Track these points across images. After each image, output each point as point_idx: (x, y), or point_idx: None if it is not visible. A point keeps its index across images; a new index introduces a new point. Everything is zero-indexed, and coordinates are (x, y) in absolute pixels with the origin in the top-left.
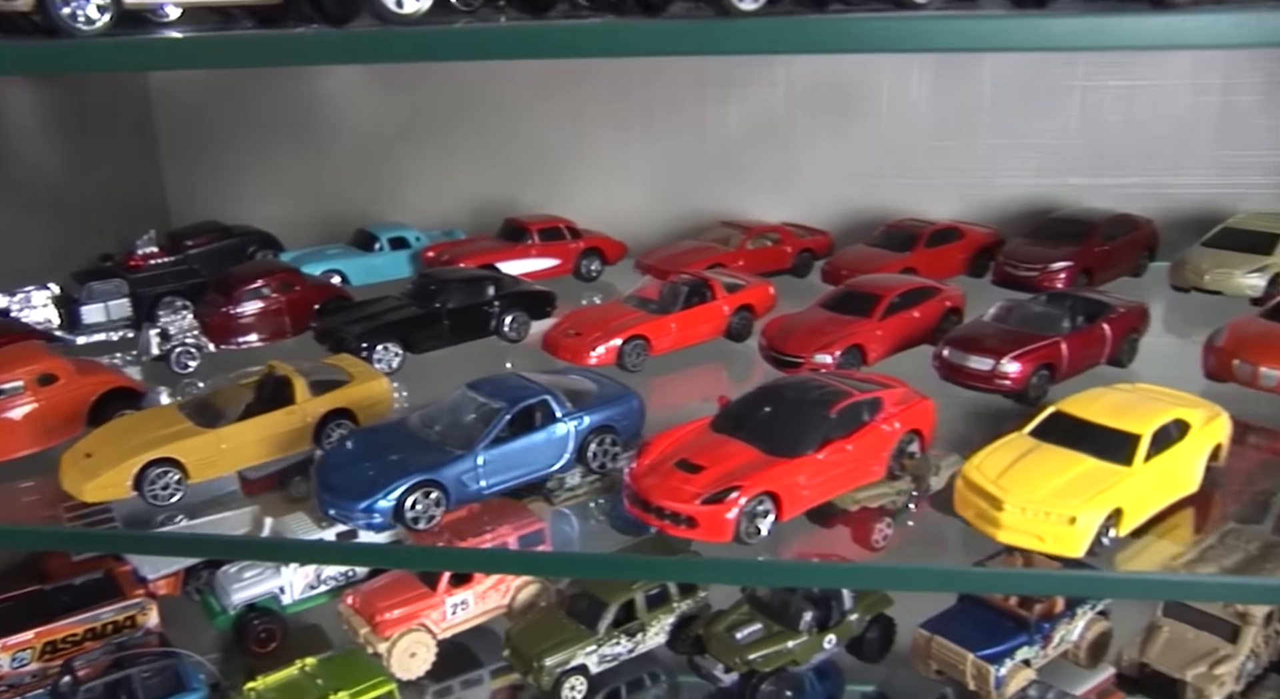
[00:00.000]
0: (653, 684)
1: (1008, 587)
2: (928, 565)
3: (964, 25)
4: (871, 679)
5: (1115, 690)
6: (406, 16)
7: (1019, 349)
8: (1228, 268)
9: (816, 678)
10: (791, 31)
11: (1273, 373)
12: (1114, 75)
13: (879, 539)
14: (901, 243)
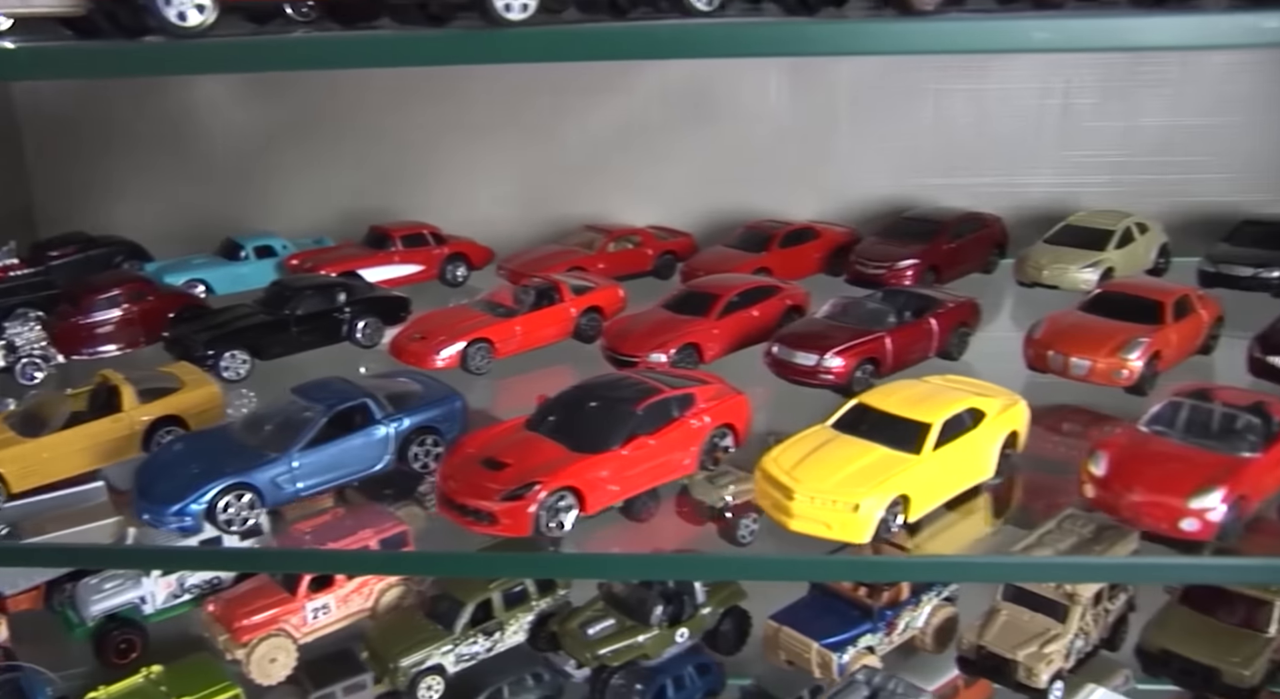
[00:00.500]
0: (536, 684)
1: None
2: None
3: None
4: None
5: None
6: (189, 29)
7: (842, 344)
8: (1064, 263)
9: (696, 673)
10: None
11: (1082, 363)
12: (964, 79)
13: (745, 534)
14: (757, 243)
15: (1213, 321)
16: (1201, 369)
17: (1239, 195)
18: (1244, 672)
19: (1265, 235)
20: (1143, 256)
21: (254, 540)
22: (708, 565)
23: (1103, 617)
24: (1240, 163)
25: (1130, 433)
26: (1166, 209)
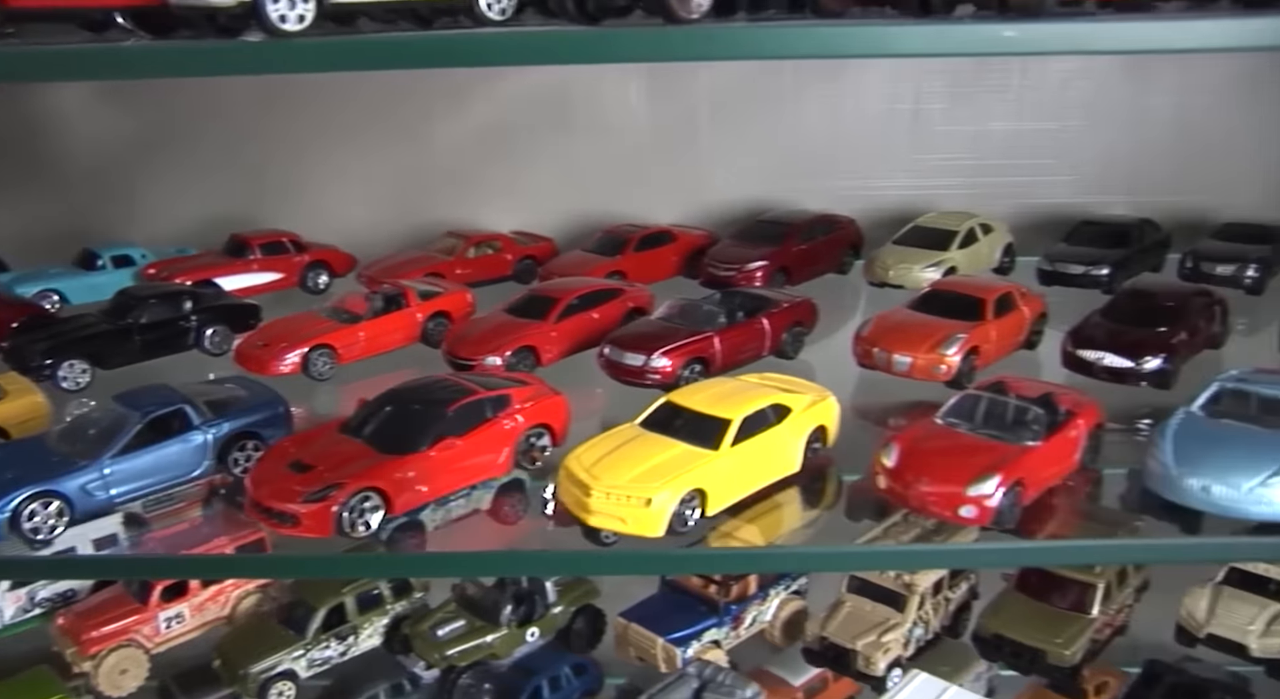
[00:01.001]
0: (396, 695)
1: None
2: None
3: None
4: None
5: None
6: None
7: (669, 345)
8: (909, 263)
9: (573, 673)
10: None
11: (904, 359)
12: (819, 85)
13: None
14: (613, 247)
15: (1035, 317)
16: (1027, 363)
17: (1082, 197)
18: (1066, 651)
19: (1099, 234)
20: (987, 256)
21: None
22: (552, 562)
23: (944, 605)
24: (1082, 165)
25: (925, 425)
26: (1015, 210)
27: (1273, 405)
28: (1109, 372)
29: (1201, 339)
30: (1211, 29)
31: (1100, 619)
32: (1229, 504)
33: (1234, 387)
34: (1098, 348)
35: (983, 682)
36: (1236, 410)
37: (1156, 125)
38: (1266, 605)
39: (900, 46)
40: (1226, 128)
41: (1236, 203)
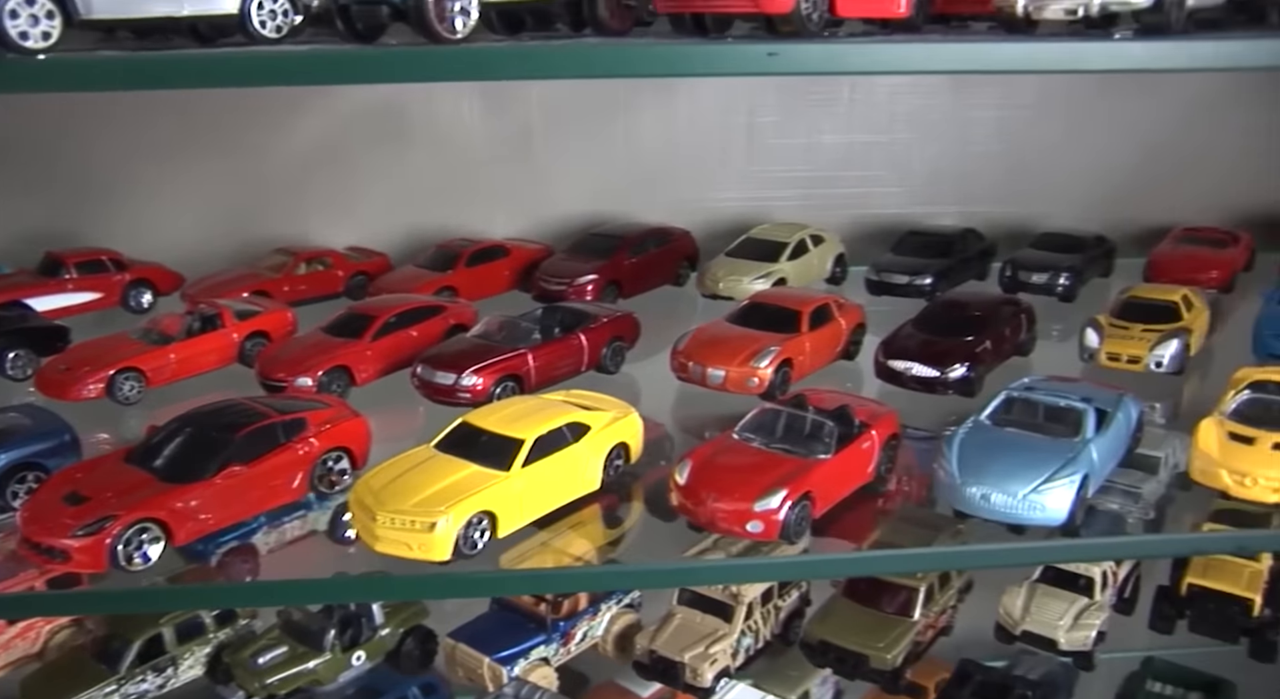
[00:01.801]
0: None
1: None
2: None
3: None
4: None
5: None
6: None
7: (481, 363)
8: (738, 275)
9: (420, 693)
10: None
11: (717, 372)
12: (654, 98)
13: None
14: (444, 263)
15: (853, 328)
16: (846, 374)
17: (912, 207)
18: (887, 655)
19: (925, 244)
20: (818, 267)
21: None
22: (377, 587)
23: (774, 614)
24: (911, 177)
25: (721, 441)
26: (848, 221)
27: (1056, 413)
28: (917, 381)
29: (1009, 347)
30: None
31: (922, 622)
32: (1006, 511)
33: (1021, 396)
34: (907, 358)
35: (829, 685)
36: (1022, 419)
37: (981, 138)
38: (1075, 600)
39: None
40: (1048, 140)
41: (1059, 213)
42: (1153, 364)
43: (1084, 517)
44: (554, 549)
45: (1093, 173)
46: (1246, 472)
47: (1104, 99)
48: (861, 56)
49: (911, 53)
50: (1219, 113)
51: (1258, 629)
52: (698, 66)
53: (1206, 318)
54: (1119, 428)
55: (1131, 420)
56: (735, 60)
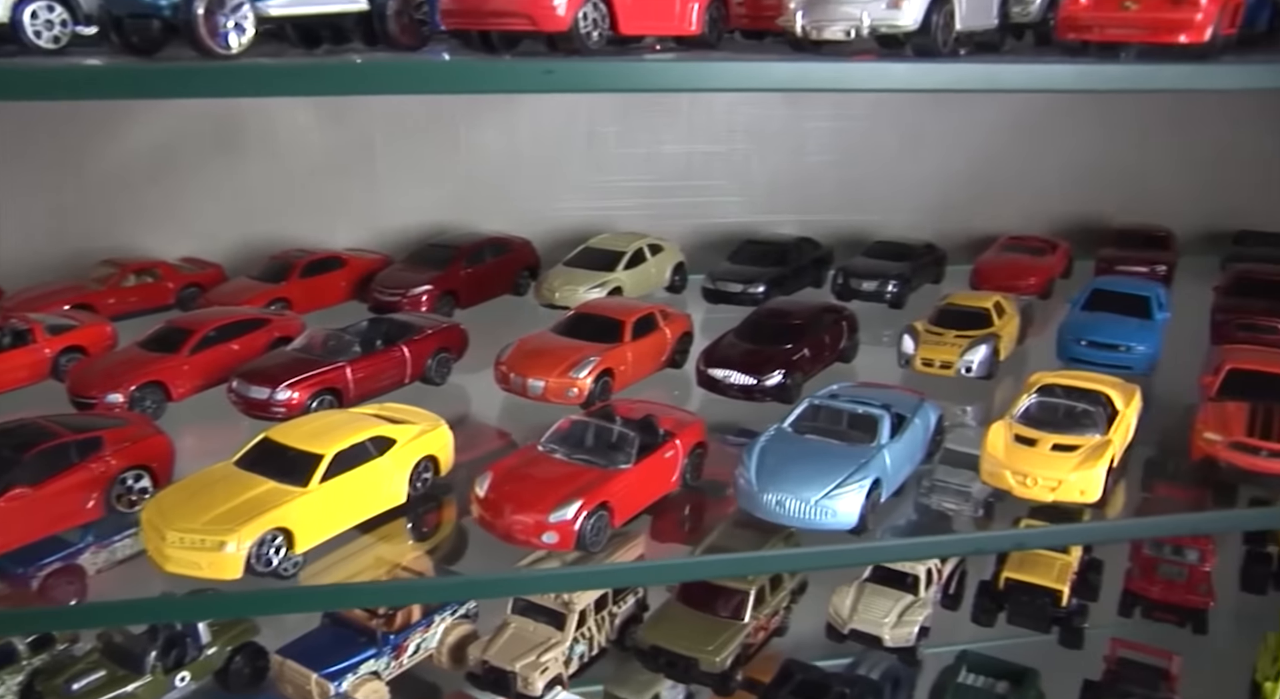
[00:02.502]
0: None
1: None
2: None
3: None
4: None
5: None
6: None
7: (297, 377)
8: (574, 285)
9: None
10: None
11: (537, 383)
12: (494, 108)
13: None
14: (277, 274)
15: (679, 337)
16: (673, 382)
17: (752, 216)
18: (716, 658)
19: (761, 253)
20: (655, 276)
21: None
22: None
23: (609, 621)
24: (751, 186)
25: (524, 453)
26: (691, 230)
27: (854, 420)
28: (736, 389)
29: (830, 354)
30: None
31: (753, 624)
32: (799, 516)
33: (822, 403)
34: (725, 366)
35: (680, 689)
36: (822, 425)
37: (818, 148)
38: (900, 598)
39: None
40: (883, 151)
41: (895, 221)
42: (963, 369)
43: (879, 517)
44: (385, 561)
45: (927, 183)
46: (1027, 472)
47: (937, 112)
48: (639, 73)
49: (694, 70)
50: (1046, 127)
51: (1066, 618)
52: (475, 83)
53: (1017, 324)
54: (915, 432)
55: (929, 424)
56: (512, 78)
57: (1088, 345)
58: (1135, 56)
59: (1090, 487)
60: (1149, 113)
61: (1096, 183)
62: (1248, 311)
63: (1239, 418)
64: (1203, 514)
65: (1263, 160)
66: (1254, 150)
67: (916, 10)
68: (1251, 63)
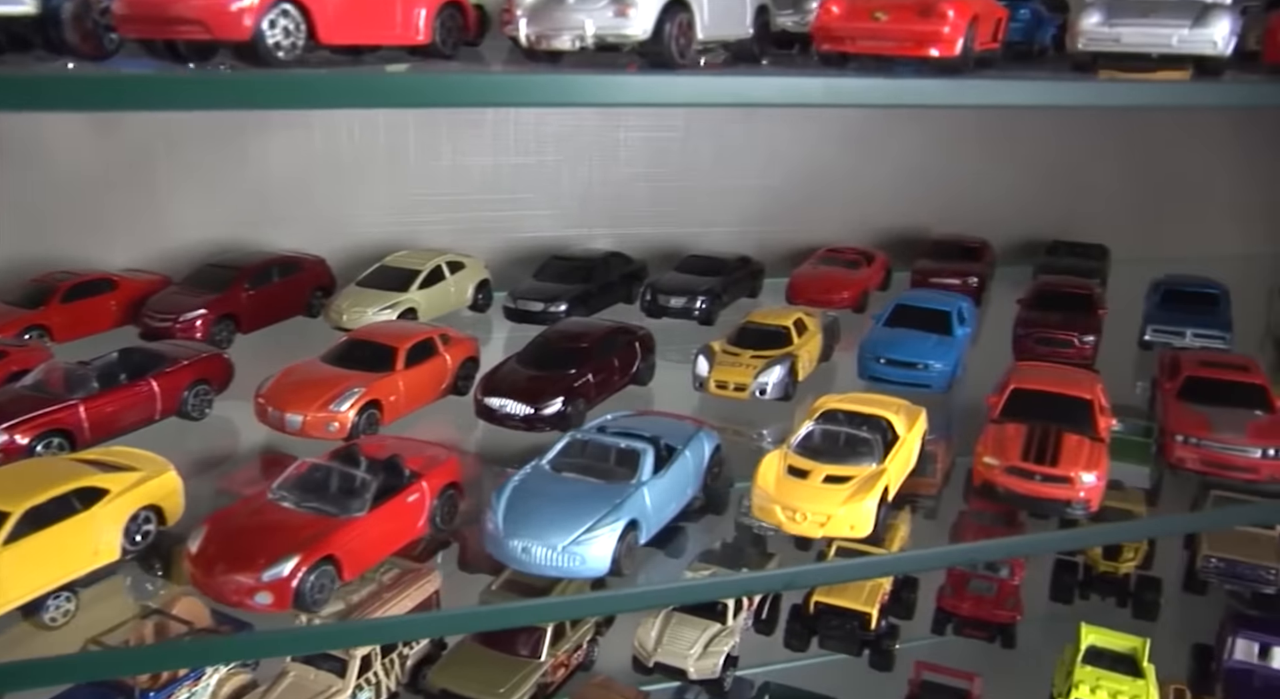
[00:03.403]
0: None
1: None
2: None
3: None
4: None
5: None
6: None
7: (19, 418)
8: (363, 306)
9: None
10: None
11: (295, 417)
12: (286, 122)
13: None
14: (35, 299)
15: (462, 362)
16: (460, 410)
17: (564, 230)
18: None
19: (569, 269)
20: (456, 296)
21: None
22: None
23: (398, 664)
24: (562, 198)
25: (251, 501)
26: (503, 244)
27: (615, 455)
28: (515, 419)
29: (619, 377)
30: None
31: (550, 662)
32: (546, 564)
33: (583, 437)
34: (502, 394)
35: None
36: (582, 462)
37: (631, 160)
38: (708, 627)
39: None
40: (698, 162)
41: (715, 234)
42: (756, 391)
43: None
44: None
45: (746, 194)
46: (796, 507)
47: (754, 121)
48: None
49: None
50: (870, 137)
51: (876, 641)
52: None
53: (819, 341)
54: (684, 465)
55: (704, 455)
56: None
57: (886, 363)
58: (911, 71)
59: (859, 521)
60: (972, 123)
61: (920, 193)
62: (1046, 325)
63: (1016, 440)
64: (1026, 537)
65: (1084, 169)
66: (1075, 159)
67: (646, 19)
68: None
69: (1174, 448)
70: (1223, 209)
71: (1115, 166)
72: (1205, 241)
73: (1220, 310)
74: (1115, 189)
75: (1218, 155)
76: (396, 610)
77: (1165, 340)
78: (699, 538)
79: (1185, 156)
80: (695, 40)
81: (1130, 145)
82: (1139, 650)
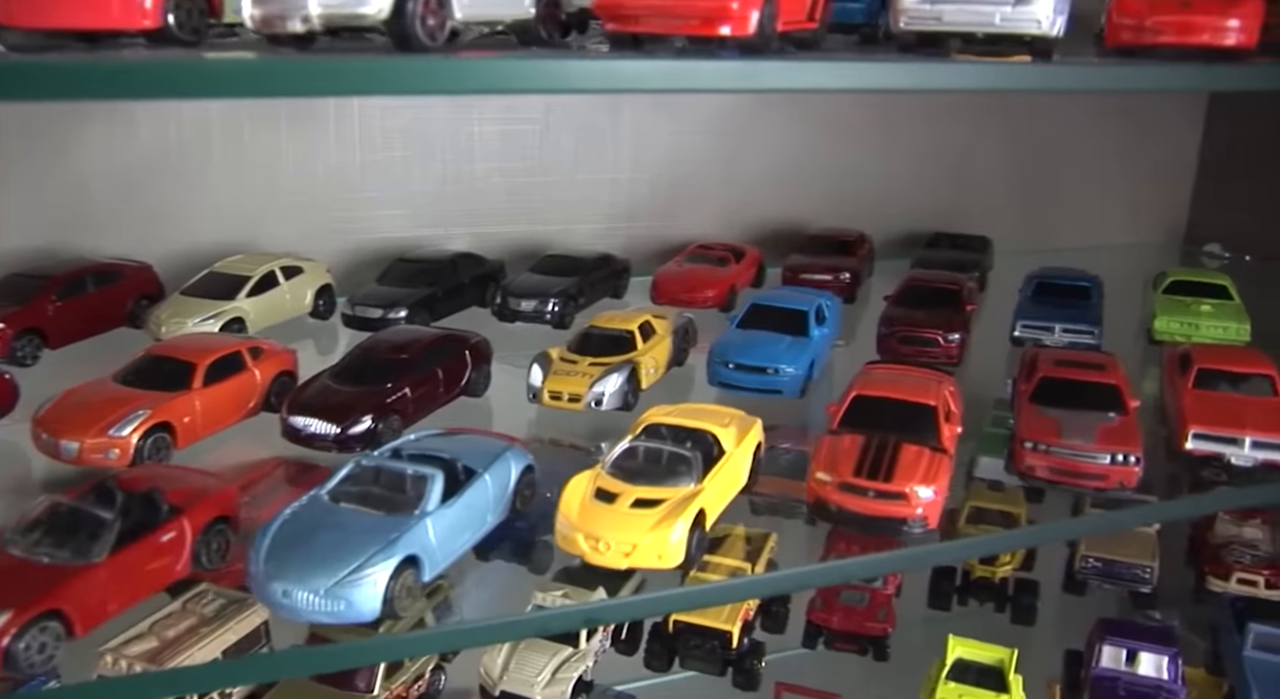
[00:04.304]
0: None
1: None
2: None
3: None
4: None
5: None
6: None
7: None
8: (183, 317)
9: None
10: None
11: (71, 445)
12: (104, 112)
13: None
14: None
15: (274, 378)
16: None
17: (416, 230)
18: None
19: (414, 272)
20: (293, 303)
21: None
22: None
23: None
24: (414, 197)
25: None
26: (354, 246)
27: (398, 481)
28: (325, 440)
29: (447, 390)
30: None
31: (385, 694)
32: (310, 610)
33: (370, 462)
34: (307, 413)
35: None
36: (364, 490)
37: (487, 155)
38: (559, 651)
39: None
40: (559, 156)
41: (579, 231)
42: (592, 402)
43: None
44: None
45: (612, 188)
46: (599, 535)
47: (619, 112)
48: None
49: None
50: (744, 127)
51: (738, 660)
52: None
53: (668, 345)
54: (483, 490)
55: (510, 476)
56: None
57: (735, 368)
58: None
59: (666, 551)
60: (853, 112)
61: (801, 185)
62: (910, 323)
63: (851, 454)
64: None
65: (970, 159)
66: (960, 149)
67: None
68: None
69: (1023, 455)
70: (1110, 198)
71: (1002, 156)
72: (1093, 232)
73: (1092, 304)
74: (1002, 179)
75: (1104, 144)
76: (218, 645)
77: (1035, 336)
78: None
79: (1072, 145)
80: (450, 20)
81: (1016, 134)
82: (1006, 662)
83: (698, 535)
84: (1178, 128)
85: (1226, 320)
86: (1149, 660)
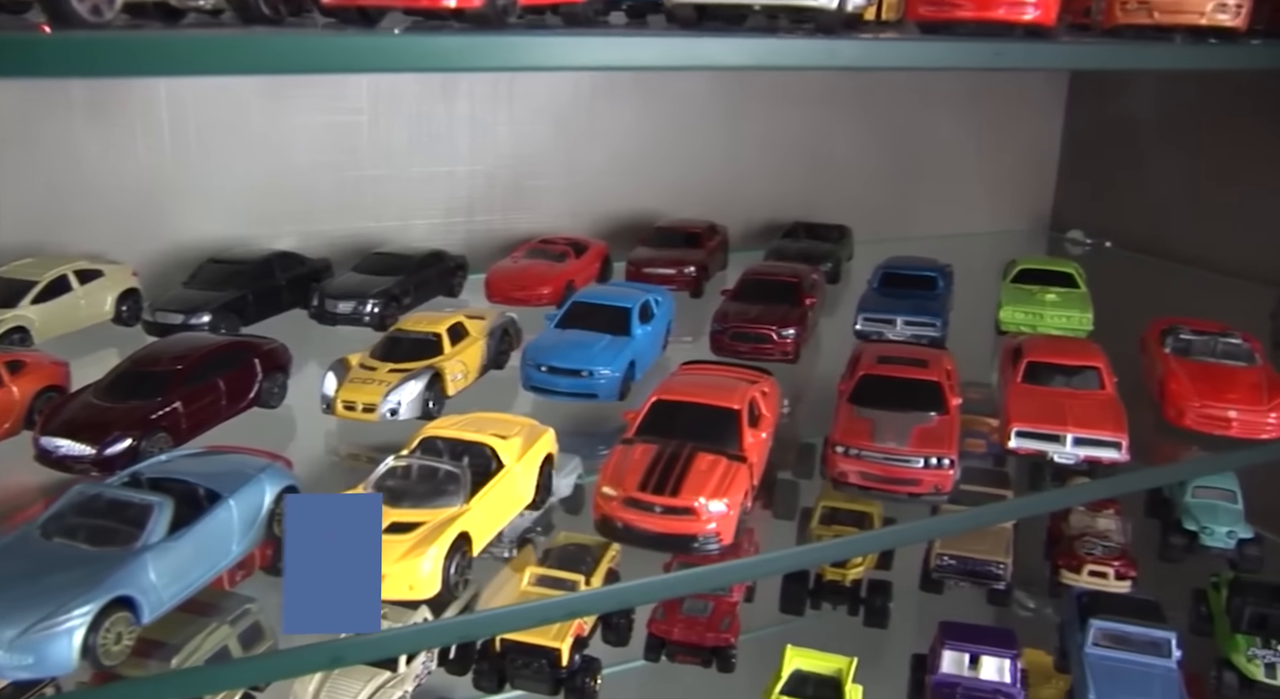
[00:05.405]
0: None
1: None
2: None
3: None
4: None
5: None
6: None
7: None
8: None
9: None
10: None
11: None
12: None
13: None
14: None
15: (36, 394)
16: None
17: (237, 229)
18: None
19: (228, 274)
20: (89, 309)
21: None
22: None
23: None
24: (225, 194)
25: None
26: (169, 248)
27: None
28: (81, 461)
29: (230, 403)
30: None
31: None
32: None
33: (90, 490)
34: (60, 434)
35: None
36: (81, 523)
37: (310, 147)
38: (374, 676)
39: None
40: (389, 146)
41: (415, 227)
42: (386, 412)
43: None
44: None
45: (448, 182)
46: None
47: (451, 102)
48: None
49: None
50: (587, 116)
51: (569, 678)
52: None
53: (482, 347)
54: (224, 517)
55: (263, 501)
56: None
57: (548, 371)
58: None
59: (418, 582)
60: (701, 96)
61: (652, 175)
62: (743, 319)
63: (640, 465)
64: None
65: (829, 145)
66: (818, 135)
67: None
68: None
69: (835, 461)
70: (975, 184)
71: (864, 143)
72: (959, 219)
73: (937, 295)
74: (864, 166)
75: (965, 129)
76: None
77: (877, 330)
78: None
79: (935, 131)
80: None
81: (876, 120)
82: (844, 672)
83: (457, 562)
84: (1041, 112)
85: (1070, 310)
86: (990, 664)
